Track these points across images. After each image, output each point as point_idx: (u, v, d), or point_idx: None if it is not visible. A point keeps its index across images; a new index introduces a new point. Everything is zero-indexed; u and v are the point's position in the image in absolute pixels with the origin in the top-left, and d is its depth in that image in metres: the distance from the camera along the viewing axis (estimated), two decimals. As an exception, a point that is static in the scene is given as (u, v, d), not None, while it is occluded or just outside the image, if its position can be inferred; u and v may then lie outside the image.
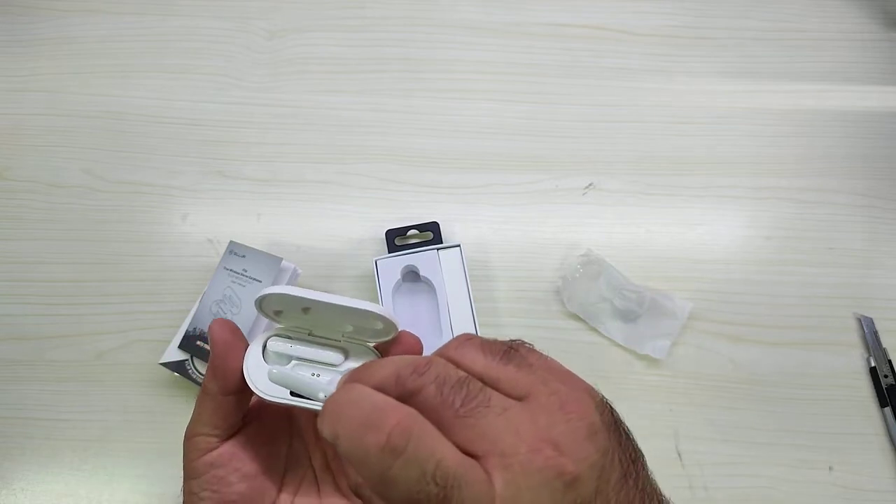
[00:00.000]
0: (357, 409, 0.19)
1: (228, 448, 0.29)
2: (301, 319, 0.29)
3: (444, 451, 0.18)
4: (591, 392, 0.22)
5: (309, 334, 0.29)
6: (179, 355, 0.56)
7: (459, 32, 0.70)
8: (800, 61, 0.69)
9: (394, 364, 0.22)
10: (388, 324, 0.27)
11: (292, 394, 0.27)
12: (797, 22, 0.71)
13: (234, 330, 0.28)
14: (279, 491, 0.30)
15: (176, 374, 0.56)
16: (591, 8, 0.71)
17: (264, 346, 0.28)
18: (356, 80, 0.69)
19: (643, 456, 0.22)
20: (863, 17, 0.71)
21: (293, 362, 0.28)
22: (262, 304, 0.28)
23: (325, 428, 0.20)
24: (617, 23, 0.71)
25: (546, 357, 0.23)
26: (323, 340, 0.29)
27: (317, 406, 0.26)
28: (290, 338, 0.29)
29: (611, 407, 0.22)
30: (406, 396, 0.21)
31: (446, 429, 0.19)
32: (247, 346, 0.28)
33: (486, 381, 0.21)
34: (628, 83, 0.68)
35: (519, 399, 0.21)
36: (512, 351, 0.23)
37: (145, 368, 0.58)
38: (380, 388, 0.21)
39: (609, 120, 0.67)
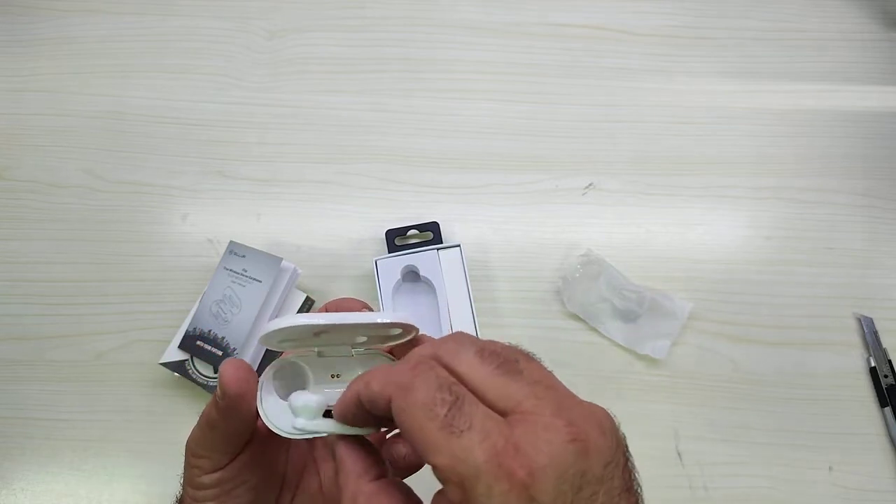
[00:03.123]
0: (395, 372, 0.23)
1: (237, 463, 0.28)
2: (310, 342, 0.27)
3: (453, 379, 0.21)
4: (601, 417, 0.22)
5: (318, 355, 0.28)
6: (179, 355, 0.56)
7: (459, 32, 0.70)
8: (800, 61, 0.69)
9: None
10: (407, 328, 0.26)
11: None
12: (797, 22, 0.71)
13: (248, 375, 0.26)
14: (281, 489, 0.30)
15: (176, 374, 0.56)
16: (591, 8, 0.71)
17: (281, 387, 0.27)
18: (356, 80, 0.69)
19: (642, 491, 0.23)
20: (863, 17, 0.71)
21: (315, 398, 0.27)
22: (268, 338, 0.26)
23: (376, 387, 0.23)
24: (617, 23, 0.71)
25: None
26: (334, 359, 0.28)
27: (358, 431, 0.26)
28: (303, 371, 0.28)
29: (619, 429, 0.22)
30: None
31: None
32: (257, 385, 0.27)
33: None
34: (628, 83, 0.68)
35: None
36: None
37: (145, 368, 0.58)
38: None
39: (609, 120, 0.67)
